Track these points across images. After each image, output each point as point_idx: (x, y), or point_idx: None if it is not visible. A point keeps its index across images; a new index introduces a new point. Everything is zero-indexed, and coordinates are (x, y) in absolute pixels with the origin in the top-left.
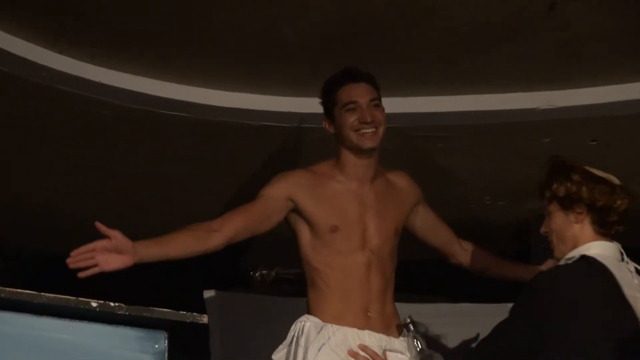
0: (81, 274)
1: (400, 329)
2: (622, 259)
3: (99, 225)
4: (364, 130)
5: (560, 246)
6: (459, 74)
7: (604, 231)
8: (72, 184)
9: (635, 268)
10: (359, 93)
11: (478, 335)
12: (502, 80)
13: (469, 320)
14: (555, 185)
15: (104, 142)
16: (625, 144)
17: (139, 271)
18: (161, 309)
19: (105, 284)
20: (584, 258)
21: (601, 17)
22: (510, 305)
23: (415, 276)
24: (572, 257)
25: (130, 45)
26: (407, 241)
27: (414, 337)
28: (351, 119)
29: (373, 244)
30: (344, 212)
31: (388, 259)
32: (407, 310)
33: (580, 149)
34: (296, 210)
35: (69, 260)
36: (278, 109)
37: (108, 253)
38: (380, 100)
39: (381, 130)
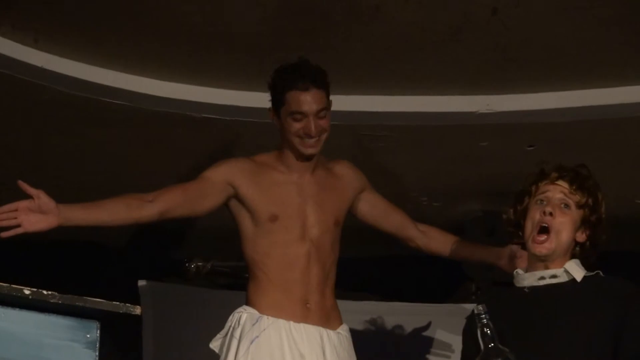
0: (3, 234)
1: (339, 321)
2: None
3: (22, 184)
4: (307, 140)
5: (557, 251)
6: (400, 74)
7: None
8: (8, 169)
9: None
10: (307, 102)
11: (407, 332)
12: (443, 83)
13: (397, 319)
14: (592, 199)
15: (43, 127)
16: (562, 150)
17: (74, 260)
18: (94, 299)
19: (39, 272)
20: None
21: (541, 25)
22: (439, 304)
23: (346, 274)
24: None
25: (74, 31)
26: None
27: (485, 328)
28: (296, 127)
29: (313, 234)
30: (284, 201)
31: (328, 250)
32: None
33: (518, 153)
34: (237, 197)
35: None
36: (220, 101)
37: (31, 213)
38: (329, 106)
39: (324, 136)
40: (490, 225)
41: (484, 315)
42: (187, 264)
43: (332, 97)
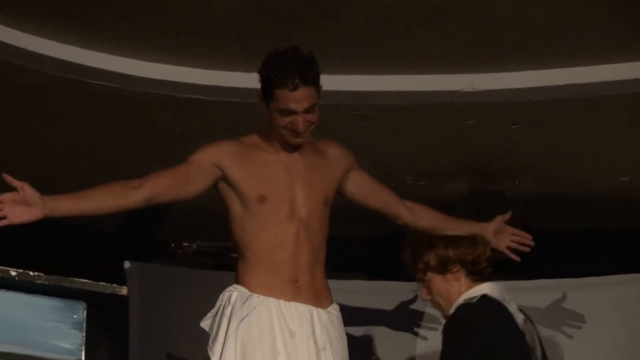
0: None
1: (330, 300)
2: (505, 298)
3: (7, 176)
4: (295, 133)
5: (447, 305)
6: (384, 54)
7: (479, 277)
8: None
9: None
10: (296, 101)
11: (395, 309)
12: (427, 62)
13: (383, 298)
14: (426, 257)
15: (27, 110)
16: (544, 128)
17: (60, 240)
18: (80, 280)
19: (26, 253)
20: (484, 297)
21: (525, 3)
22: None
23: (333, 253)
24: (473, 297)
25: (57, 12)
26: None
27: None
28: (284, 121)
29: (302, 214)
30: (272, 181)
31: (318, 229)
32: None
33: (502, 132)
34: (225, 179)
35: None
36: (205, 82)
37: (17, 205)
38: (318, 99)
39: (312, 128)
40: (476, 204)
41: None
42: (173, 245)
43: None
